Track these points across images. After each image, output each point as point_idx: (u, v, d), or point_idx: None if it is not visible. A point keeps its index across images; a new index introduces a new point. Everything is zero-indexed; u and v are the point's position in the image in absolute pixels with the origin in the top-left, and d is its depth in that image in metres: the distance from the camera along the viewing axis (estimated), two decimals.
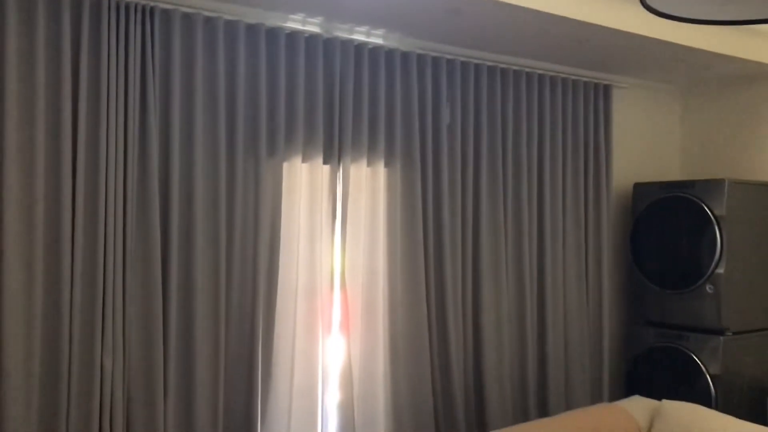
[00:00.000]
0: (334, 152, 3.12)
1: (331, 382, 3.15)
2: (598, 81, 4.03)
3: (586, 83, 4.00)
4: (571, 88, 3.92)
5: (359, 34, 3.19)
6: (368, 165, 3.23)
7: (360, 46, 3.19)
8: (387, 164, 3.29)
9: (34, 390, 2.46)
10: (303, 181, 3.05)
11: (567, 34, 3.27)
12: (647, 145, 4.49)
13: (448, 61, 3.46)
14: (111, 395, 2.58)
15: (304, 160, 3.05)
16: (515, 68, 3.68)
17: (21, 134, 2.45)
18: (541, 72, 3.77)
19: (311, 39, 3.06)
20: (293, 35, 3.01)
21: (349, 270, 3.16)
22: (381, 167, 3.26)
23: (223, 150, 2.83)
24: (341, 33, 3.13)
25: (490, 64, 3.58)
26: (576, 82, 3.96)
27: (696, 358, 3.77)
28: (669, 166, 4.59)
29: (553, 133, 3.85)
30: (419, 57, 3.37)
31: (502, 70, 3.65)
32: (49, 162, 2.51)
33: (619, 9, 3.16)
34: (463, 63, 3.51)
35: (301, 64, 3.01)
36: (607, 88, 4.10)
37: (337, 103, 3.12)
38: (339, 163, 3.14)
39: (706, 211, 3.77)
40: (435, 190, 3.41)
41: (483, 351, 3.52)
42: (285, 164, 3.00)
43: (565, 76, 3.88)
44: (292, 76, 3.01)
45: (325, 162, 3.11)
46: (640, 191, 4.13)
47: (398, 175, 3.29)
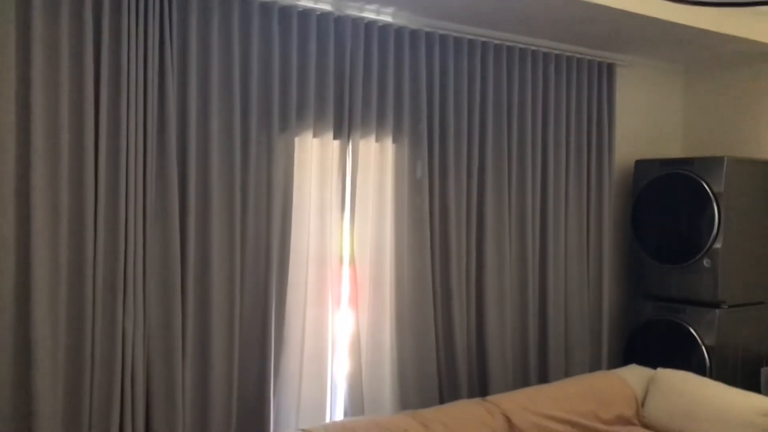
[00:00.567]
0: (343, 128, 3.22)
1: (340, 350, 3.29)
2: (601, 60, 4.11)
3: (590, 62, 4.08)
4: (575, 66, 4.01)
5: (369, 12, 3.28)
6: (377, 140, 3.33)
7: (370, 24, 3.28)
8: (395, 140, 3.39)
9: (60, 353, 2.59)
10: (314, 156, 3.16)
11: (573, 13, 3.35)
12: (649, 122, 4.57)
13: (455, 38, 3.55)
14: (132, 358, 2.72)
15: (315, 135, 3.15)
16: (521, 46, 3.76)
17: (46, 110, 2.55)
18: (546, 50, 3.86)
19: (322, 17, 3.15)
20: (305, 13, 3.10)
21: (358, 242, 3.28)
22: (389, 143, 3.37)
23: (238, 125, 2.93)
24: (352, 11, 3.22)
25: (496, 42, 3.67)
26: (580, 61, 4.04)
27: (692, 330, 3.90)
28: (671, 144, 4.69)
29: (557, 111, 3.94)
30: (427, 35, 3.46)
31: (508, 47, 3.74)
32: (73, 137, 2.61)
33: None
34: (470, 41, 3.60)
35: (313, 42, 3.11)
36: (611, 67, 4.18)
37: (347, 79, 3.22)
38: (348, 139, 3.24)
39: (704, 187, 3.87)
40: (441, 165, 3.51)
41: (486, 322, 3.65)
42: (297, 139, 3.11)
43: (569, 54, 3.96)
44: (304, 53, 3.11)
45: (335, 137, 3.22)
46: (641, 168, 4.23)
47: (405, 151, 3.40)
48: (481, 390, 3.66)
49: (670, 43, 3.95)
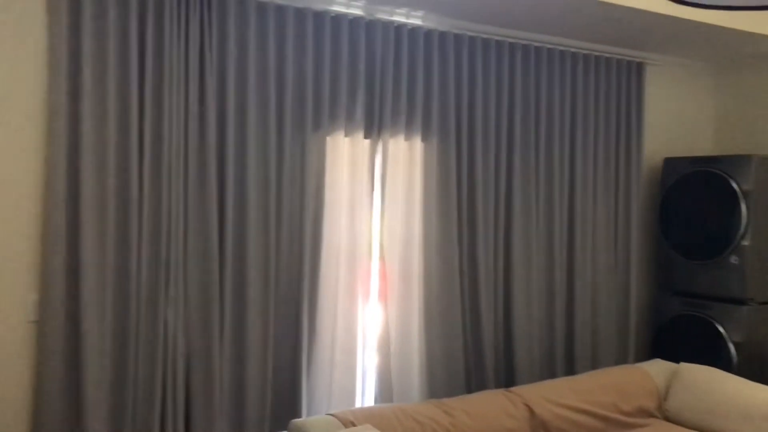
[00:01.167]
0: (374, 127, 3.35)
1: (370, 341, 3.42)
2: (630, 58, 4.16)
3: (619, 61, 4.13)
4: (604, 65, 4.06)
5: (399, 16, 3.39)
6: (406, 139, 3.45)
7: (400, 27, 3.39)
8: (424, 139, 3.50)
9: (107, 341, 2.77)
10: (345, 154, 3.29)
11: (599, 14, 3.41)
12: (679, 120, 4.60)
13: (483, 40, 3.65)
14: (173, 346, 2.89)
15: (346, 135, 3.28)
16: (548, 46, 3.84)
17: (95, 110, 2.73)
18: (574, 50, 3.92)
19: (354, 21, 3.28)
20: (337, 18, 3.23)
21: (387, 238, 3.40)
22: (418, 142, 3.48)
23: (273, 125, 3.08)
24: (382, 15, 3.34)
25: (524, 42, 3.75)
26: (609, 60, 4.09)
27: (719, 327, 3.93)
28: (702, 142, 4.70)
29: (585, 109, 4.01)
30: (456, 36, 3.56)
31: (536, 48, 3.82)
32: (120, 137, 2.79)
33: None
34: (497, 42, 3.69)
35: (345, 45, 3.24)
36: (640, 66, 4.23)
37: (378, 81, 3.34)
38: (378, 138, 3.37)
39: (732, 185, 3.90)
40: (469, 163, 3.62)
41: (513, 316, 3.74)
42: (329, 138, 3.25)
43: (598, 53, 4.02)
44: (336, 56, 3.24)
45: (366, 136, 3.34)
46: (669, 165, 4.27)
47: (434, 150, 3.51)
48: (508, 382, 3.76)
49: (701, 42, 3.98)
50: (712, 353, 3.92)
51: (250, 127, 3.03)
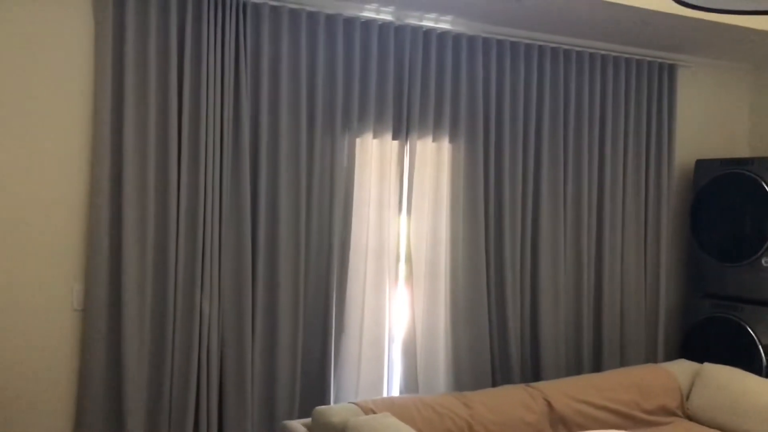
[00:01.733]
0: (402, 129, 3.46)
1: (396, 336, 3.53)
2: (662, 61, 4.17)
3: (651, 63, 4.15)
4: (635, 68, 4.09)
5: (428, 21, 3.49)
6: (433, 141, 3.55)
7: (428, 32, 3.50)
8: (451, 140, 3.60)
9: (146, 329, 2.95)
10: (374, 155, 3.41)
11: (629, 18, 3.45)
12: (713, 122, 4.58)
13: (512, 43, 3.72)
14: (208, 335, 3.05)
15: (375, 137, 3.40)
16: (578, 49, 3.89)
17: (137, 112, 2.91)
18: (604, 53, 3.96)
19: (384, 26, 3.39)
20: (367, 23, 3.35)
21: (414, 236, 3.51)
22: (446, 143, 3.58)
23: (304, 127, 3.22)
24: (412, 20, 3.44)
25: (553, 45, 3.81)
26: (640, 62, 4.11)
27: (749, 329, 3.92)
28: (736, 144, 4.68)
29: (615, 111, 4.04)
30: (484, 40, 3.65)
31: (565, 51, 3.87)
32: (159, 138, 2.96)
33: None
34: (526, 45, 3.76)
35: (374, 49, 3.35)
36: (672, 68, 4.24)
37: (406, 84, 3.45)
38: (407, 139, 3.48)
39: (764, 187, 3.88)
40: (497, 164, 3.70)
41: (539, 315, 3.80)
42: (358, 140, 3.37)
43: (628, 56, 4.04)
44: (366, 60, 3.36)
45: (394, 138, 3.46)
46: (701, 167, 4.27)
47: (462, 151, 3.60)
48: (534, 380, 3.82)
49: (735, 44, 3.97)
50: (743, 355, 3.91)
51: (282, 128, 3.17)
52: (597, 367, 4.04)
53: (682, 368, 3.42)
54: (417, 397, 2.82)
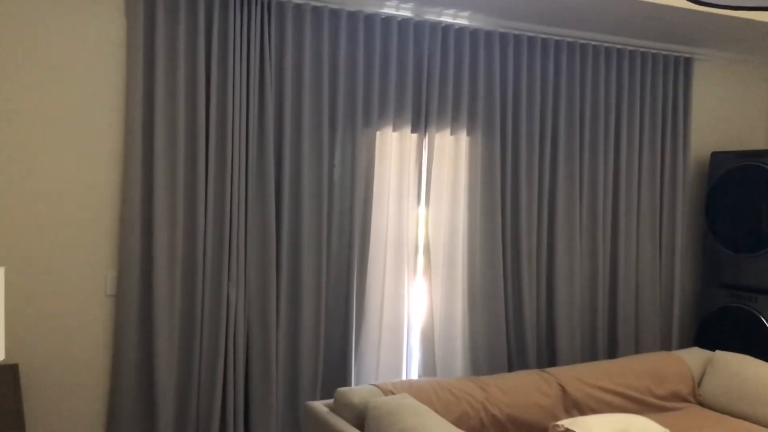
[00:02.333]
0: (421, 122, 3.56)
1: (415, 322, 3.64)
2: (678, 54, 4.22)
3: (666, 56, 4.21)
4: (651, 61, 4.15)
5: (447, 17, 3.59)
6: (452, 134, 3.65)
7: (447, 27, 3.59)
8: (469, 133, 3.70)
9: (176, 316, 3.09)
10: (393, 148, 3.52)
11: (644, 12, 3.50)
12: (729, 114, 4.63)
13: (528, 38, 3.80)
14: (234, 321, 3.18)
15: (394, 130, 3.51)
16: (594, 43, 3.96)
17: (167, 103, 3.05)
18: (620, 46, 4.03)
19: (403, 22, 3.49)
20: (387, 20, 3.45)
21: (432, 226, 3.61)
22: (463, 136, 3.68)
23: (326, 121, 3.33)
24: (430, 16, 3.54)
25: (569, 40, 3.88)
26: (656, 56, 4.17)
27: (763, 319, 3.98)
28: (752, 136, 4.72)
29: (631, 104, 4.11)
30: (502, 35, 3.74)
31: (582, 45, 3.95)
32: (188, 132, 3.10)
33: None
34: (543, 40, 3.84)
35: (394, 45, 3.45)
36: (689, 61, 4.29)
37: (425, 78, 3.55)
38: (425, 132, 3.58)
39: None
40: (513, 156, 3.79)
41: (555, 303, 3.89)
42: (378, 133, 3.48)
43: (644, 50, 4.10)
44: (386, 55, 3.47)
45: (413, 131, 3.56)
46: (716, 159, 4.32)
47: (479, 143, 3.69)
48: (549, 366, 3.91)
49: (751, 38, 4.01)
50: (756, 345, 3.98)
51: (305, 122, 3.29)
52: (612, 355, 4.12)
53: (694, 356, 3.49)
54: (434, 380, 2.93)
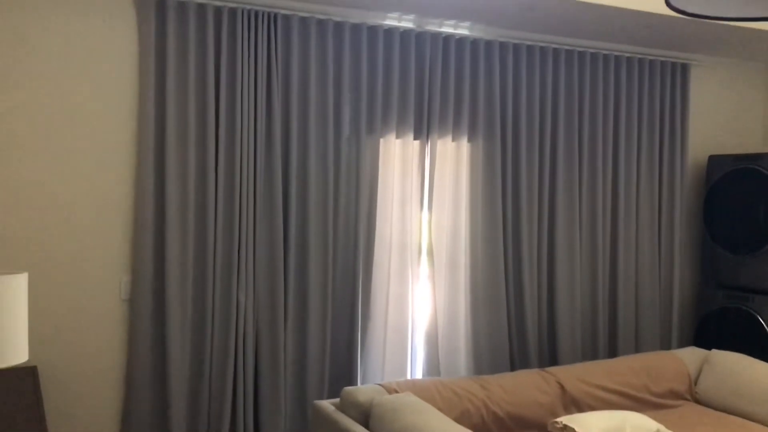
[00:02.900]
0: (423, 129, 3.67)
1: (419, 324, 3.75)
2: (675, 60, 4.32)
3: (663, 63, 4.30)
4: (648, 67, 4.25)
5: (447, 27, 3.70)
6: (453, 140, 3.76)
7: (448, 38, 3.70)
8: (470, 140, 3.80)
9: (187, 319, 3.20)
10: (396, 155, 3.63)
11: (640, 22, 3.61)
12: (727, 118, 4.72)
13: (527, 47, 3.91)
14: (244, 324, 3.29)
15: (397, 137, 3.62)
16: (592, 51, 4.06)
17: (178, 113, 3.17)
18: (617, 54, 4.13)
19: (405, 33, 3.60)
20: (390, 31, 3.57)
21: (435, 230, 3.72)
22: (465, 142, 3.78)
23: (331, 129, 3.44)
24: (432, 27, 3.65)
25: (567, 48, 3.99)
26: (653, 63, 4.27)
27: (761, 319, 4.07)
28: (749, 140, 4.81)
29: (629, 109, 4.21)
30: (501, 45, 3.84)
31: (579, 53, 4.05)
32: (198, 141, 3.22)
33: None
34: (542, 48, 3.95)
35: (396, 55, 3.57)
36: (685, 67, 4.38)
37: (427, 86, 3.66)
38: (427, 139, 3.69)
39: None
40: (514, 162, 3.89)
41: (556, 304, 3.99)
42: (381, 140, 3.59)
43: (641, 56, 4.20)
44: (389, 65, 3.58)
45: (416, 138, 3.67)
46: (714, 163, 4.41)
47: (480, 149, 3.80)
48: (551, 366, 4.00)
49: (748, 43, 4.10)
50: (754, 345, 4.06)
51: (311, 129, 3.40)
52: (612, 356, 4.20)
53: (691, 354, 3.58)
54: (437, 379, 3.03)
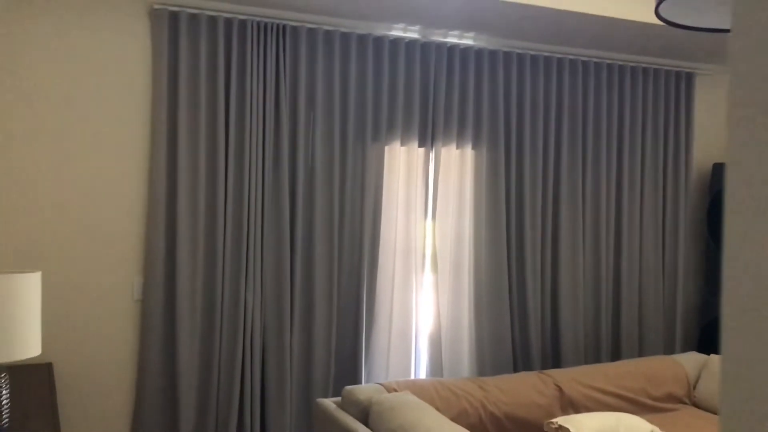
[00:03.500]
0: (427, 137, 3.77)
1: (423, 327, 3.83)
2: (680, 69, 4.38)
3: (668, 72, 4.36)
4: (652, 76, 4.31)
5: (452, 37, 3.79)
6: (457, 148, 3.85)
7: (452, 47, 3.80)
8: (474, 147, 3.89)
9: (197, 319, 3.32)
10: (401, 162, 3.73)
11: (643, 32, 3.68)
12: None
13: (531, 56, 3.99)
14: (251, 323, 3.40)
15: (402, 144, 3.72)
16: (596, 60, 4.13)
17: (189, 121, 3.29)
18: (621, 63, 4.20)
19: (410, 43, 3.71)
20: (395, 41, 3.67)
21: (439, 235, 3.81)
22: (469, 150, 3.87)
23: (338, 137, 3.55)
24: (436, 37, 3.75)
25: (571, 57, 4.07)
26: (657, 71, 4.33)
27: None
28: None
29: (633, 118, 4.27)
30: (505, 54, 3.93)
31: (583, 62, 4.12)
32: (209, 145, 3.34)
33: None
34: (545, 57, 4.03)
35: (402, 65, 3.67)
36: (690, 76, 4.44)
37: (431, 95, 3.75)
38: (432, 147, 3.78)
39: None
40: (518, 169, 3.97)
41: (559, 312, 4.05)
42: (386, 148, 3.69)
43: (646, 65, 4.27)
44: (394, 74, 3.68)
45: (420, 145, 3.77)
46: (718, 171, 4.46)
47: (484, 157, 3.88)
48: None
49: None
50: None
51: (318, 137, 3.51)
52: (616, 359, 4.25)
53: (691, 359, 3.63)
54: (436, 380, 3.11)
